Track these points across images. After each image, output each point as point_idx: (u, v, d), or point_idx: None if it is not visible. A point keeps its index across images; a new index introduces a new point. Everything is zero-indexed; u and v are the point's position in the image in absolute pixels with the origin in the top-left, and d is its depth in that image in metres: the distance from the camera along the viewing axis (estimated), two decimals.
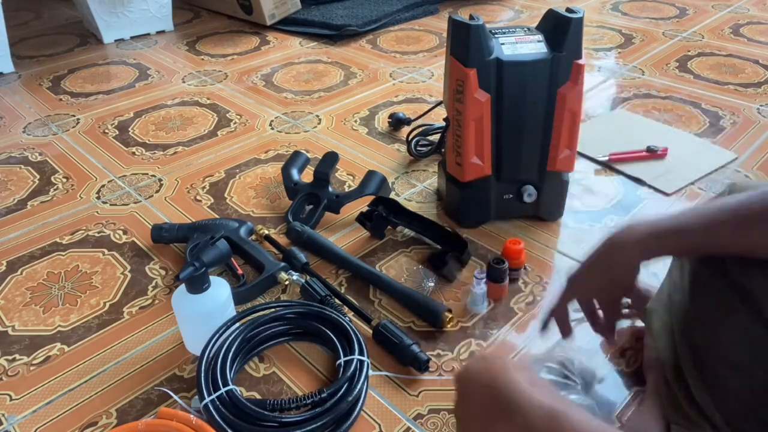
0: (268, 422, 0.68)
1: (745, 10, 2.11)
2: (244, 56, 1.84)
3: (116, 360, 0.82)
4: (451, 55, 0.93)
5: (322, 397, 0.70)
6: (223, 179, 1.21)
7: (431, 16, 2.15)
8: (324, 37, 1.96)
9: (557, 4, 1.33)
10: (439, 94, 1.53)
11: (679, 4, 2.18)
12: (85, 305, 0.91)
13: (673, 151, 1.23)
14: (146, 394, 0.77)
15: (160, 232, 1.01)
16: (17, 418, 0.74)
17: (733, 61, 1.69)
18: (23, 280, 0.97)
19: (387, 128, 1.39)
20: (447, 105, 0.99)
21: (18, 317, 0.90)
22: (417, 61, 1.77)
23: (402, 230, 1.04)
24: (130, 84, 1.67)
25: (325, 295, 0.86)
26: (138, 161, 1.29)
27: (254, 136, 1.38)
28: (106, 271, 0.98)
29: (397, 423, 0.72)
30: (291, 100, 1.55)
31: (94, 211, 1.13)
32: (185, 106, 1.53)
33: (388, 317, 0.87)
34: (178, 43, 1.97)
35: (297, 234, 1.00)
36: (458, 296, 0.90)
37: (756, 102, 1.45)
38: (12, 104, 1.57)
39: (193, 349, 0.82)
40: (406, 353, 0.78)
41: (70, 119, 1.48)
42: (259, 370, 0.80)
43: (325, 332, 0.79)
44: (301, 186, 1.09)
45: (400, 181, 1.19)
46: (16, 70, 1.77)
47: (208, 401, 0.70)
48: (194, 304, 0.78)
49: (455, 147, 0.98)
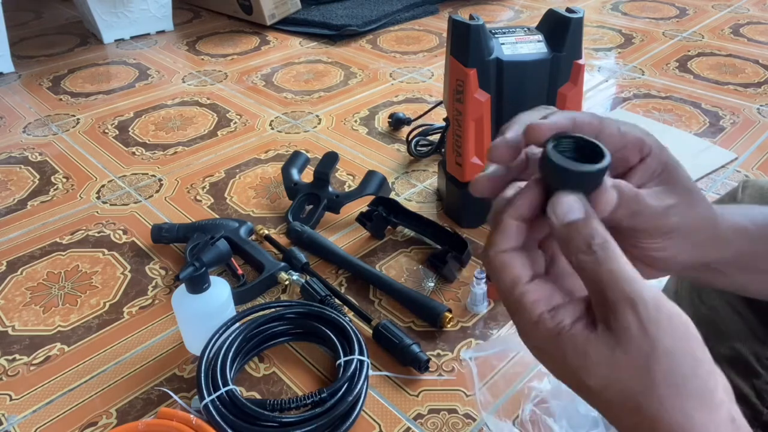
0: (268, 422, 0.68)
1: (745, 10, 2.11)
2: (244, 56, 1.84)
3: (116, 360, 0.82)
4: (451, 55, 0.93)
5: (322, 397, 0.70)
6: (223, 179, 1.21)
7: (431, 16, 2.15)
8: (324, 37, 1.96)
9: (557, 4, 1.33)
10: (439, 94, 1.53)
11: (679, 4, 2.18)
12: (85, 305, 0.91)
13: (673, 151, 1.22)
14: (146, 394, 0.77)
15: (160, 232, 1.01)
16: (17, 418, 0.74)
17: (733, 61, 1.69)
18: (23, 280, 0.97)
19: (387, 128, 1.39)
20: (447, 105, 0.99)
21: (18, 317, 0.90)
22: (417, 61, 1.77)
23: (402, 230, 1.04)
24: (130, 84, 1.67)
25: (325, 295, 0.86)
26: (138, 161, 1.29)
27: (254, 136, 1.38)
28: (106, 271, 0.98)
29: (397, 423, 0.72)
30: (291, 100, 1.55)
31: (94, 211, 1.13)
32: (185, 106, 1.53)
33: (388, 317, 0.87)
34: (178, 43, 1.97)
35: (297, 234, 1.00)
36: (458, 296, 0.90)
37: (756, 102, 1.45)
38: (12, 104, 1.57)
39: (193, 349, 0.82)
40: (406, 353, 0.78)
41: (70, 119, 1.48)
42: (259, 370, 0.80)
43: (325, 332, 0.79)
44: (301, 186, 1.09)
45: (400, 181, 1.19)
46: (16, 70, 1.77)
47: (208, 401, 0.70)
48: (194, 304, 0.78)
49: (455, 147, 0.98)
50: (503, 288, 0.33)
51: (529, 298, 0.31)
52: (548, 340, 0.31)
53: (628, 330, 0.29)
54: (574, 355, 0.30)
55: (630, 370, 0.29)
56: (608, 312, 0.29)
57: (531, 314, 0.31)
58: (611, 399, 0.30)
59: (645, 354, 0.29)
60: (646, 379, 0.29)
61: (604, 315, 0.30)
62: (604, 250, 0.30)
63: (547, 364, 0.32)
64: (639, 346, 0.29)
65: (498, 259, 0.33)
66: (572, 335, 0.30)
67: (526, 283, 0.32)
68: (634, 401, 0.29)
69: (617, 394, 0.30)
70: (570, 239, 0.30)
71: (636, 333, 0.29)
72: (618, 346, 0.29)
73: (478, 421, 0.72)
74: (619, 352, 0.29)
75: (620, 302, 0.29)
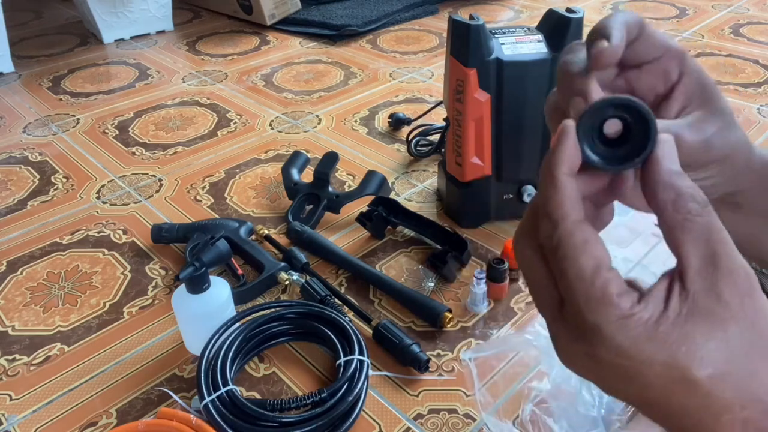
0: (268, 422, 0.68)
1: (745, 10, 2.11)
2: (244, 56, 1.84)
3: (116, 360, 0.82)
4: (451, 55, 0.93)
5: (322, 397, 0.70)
6: (223, 179, 1.21)
7: (431, 16, 2.15)
8: (324, 37, 1.96)
9: (557, 4, 1.33)
10: (439, 94, 1.53)
11: (679, 4, 2.18)
12: (85, 305, 0.91)
13: None
14: (146, 394, 0.77)
15: (160, 232, 1.01)
16: (17, 418, 0.74)
17: (733, 61, 1.69)
18: (23, 280, 0.97)
19: (387, 128, 1.39)
20: (447, 105, 0.99)
21: (18, 317, 0.90)
22: (417, 61, 1.77)
23: (402, 230, 1.04)
24: (130, 84, 1.67)
25: (325, 295, 0.86)
26: (138, 161, 1.29)
27: (254, 136, 1.38)
28: (106, 271, 0.98)
29: (397, 423, 0.72)
30: (291, 100, 1.55)
31: (94, 211, 1.13)
32: (185, 106, 1.53)
33: (388, 317, 0.87)
34: (178, 43, 1.97)
35: (297, 234, 1.00)
36: (458, 296, 0.90)
37: (756, 102, 1.45)
38: (12, 104, 1.57)
39: (193, 349, 0.82)
40: (406, 353, 0.78)
41: (70, 119, 1.48)
42: (259, 370, 0.80)
43: (325, 332, 0.79)
44: (301, 186, 1.09)
45: (400, 181, 1.19)
46: (16, 70, 1.77)
47: (208, 401, 0.70)
48: (194, 304, 0.78)
49: (455, 147, 0.98)
50: (580, 275, 0.26)
51: (615, 287, 0.25)
52: (645, 335, 0.25)
53: (743, 299, 0.25)
54: (678, 343, 0.24)
55: (746, 348, 0.24)
56: (720, 281, 0.25)
57: (621, 307, 0.25)
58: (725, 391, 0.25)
59: (759, 328, 0.25)
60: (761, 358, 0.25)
61: (715, 285, 0.25)
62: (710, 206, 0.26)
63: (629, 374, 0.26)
64: (752, 318, 0.25)
65: (580, 234, 0.26)
66: (673, 322, 0.25)
67: (610, 269, 0.26)
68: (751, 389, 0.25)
69: (733, 384, 0.25)
70: (684, 188, 0.26)
71: (750, 304, 0.25)
72: (732, 322, 0.25)
73: (478, 421, 0.72)
74: (734, 327, 0.24)
75: (737, 269, 0.25)
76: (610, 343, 0.25)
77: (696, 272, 0.25)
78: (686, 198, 0.26)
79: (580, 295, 0.26)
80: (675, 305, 0.25)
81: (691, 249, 0.25)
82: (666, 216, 0.26)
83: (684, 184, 0.27)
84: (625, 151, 0.28)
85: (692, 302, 0.25)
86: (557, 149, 0.27)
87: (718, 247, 0.25)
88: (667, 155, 0.27)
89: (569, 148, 0.27)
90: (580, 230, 0.26)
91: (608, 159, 0.28)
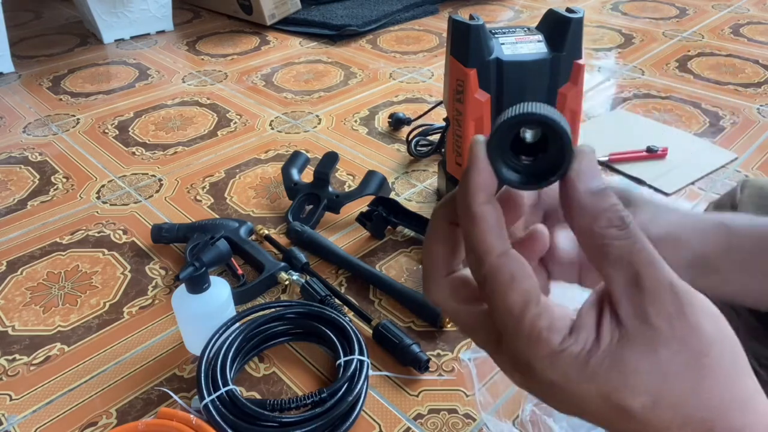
0: (268, 422, 0.68)
1: (745, 10, 2.11)
2: (244, 56, 1.84)
3: (116, 360, 0.82)
4: (451, 55, 0.93)
5: (322, 397, 0.70)
6: (223, 179, 1.21)
7: (431, 16, 2.15)
8: (324, 37, 1.96)
9: (557, 4, 1.33)
10: (439, 94, 1.53)
11: (679, 4, 2.18)
12: (85, 305, 0.91)
13: (673, 151, 1.23)
14: (146, 394, 0.77)
15: (160, 232, 1.01)
16: (17, 418, 0.74)
17: (733, 61, 1.69)
18: (23, 280, 0.97)
19: (387, 128, 1.39)
20: (447, 105, 0.99)
21: (18, 317, 0.90)
22: (417, 61, 1.77)
23: (402, 230, 1.04)
24: (130, 84, 1.67)
25: (325, 295, 0.86)
26: (138, 161, 1.29)
27: (254, 136, 1.38)
28: (106, 271, 0.98)
29: (397, 423, 0.72)
30: (291, 100, 1.55)
31: (94, 211, 1.13)
32: (185, 106, 1.53)
33: (388, 317, 0.87)
34: (178, 43, 1.97)
35: (297, 234, 1.00)
36: None
37: (756, 102, 1.45)
38: (12, 104, 1.57)
39: (193, 349, 0.82)
40: (406, 353, 0.78)
41: (70, 119, 1.48)
42: (259, 370, 0.80)
43: (325, 332, 0.79)
44: (301, 186, 1.09)
45: (400, 181, 1.19)
46: (16, 70, 1.77)
47: (208, 401, 0.70)
48: (194, 304, 0.78)
49: (455, 147, 0.98)
50: (509, 312, 0.25)
51: (544, 322, 0.25)
52: (576, 370, 0.24)
53: (671, 320, 0.24)
54: (609, 374, 0.24)
55: (680, 368, 0.24)
56: (645, 303, 0.24)
57: (550, 344, 0.24)
58: (661, 415, 0.24)
59: (692, 346, 0.24)
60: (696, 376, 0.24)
61: (640, 308, 0.24)
62: (634, 226, 0.25)
63: (568, 401, 0.26)
64: (682, 337, 0.24)
65: (506, 269, 0.25)
66: (604, 351, 0.24)
67: (538, 303, 0.25)
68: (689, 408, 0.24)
69: (669, 407, 0.24)
70: (600, 211, 0.25)
71: (679, 323, 0.24)
72: (662, 344, 0.24)
73: (478, 421, 0.72)
74: (664, 350, 0.24)
75: (661, 289, 0.24)
76: (541, 378, 0.25)
77: (622, 296, 0.25)
78: (602, 223, 0.25)
79: (511, 332, 0.25)
80: (606, 333, 0.25)
81: (613, 273, 0.25)
82: (584, 242, 0.26)
83: (601, 205, 0.25)
84: (545, 162, 0.26)
85: (623, 327, 0.24)
86: (469, 176, 0.25)
87: (641, 269, 0.24)
88: (584, 171, 0.25)
89: (482, 172, 0.25)
90: (506, 265, 0.25)
91: (526, 175, 0.26)
